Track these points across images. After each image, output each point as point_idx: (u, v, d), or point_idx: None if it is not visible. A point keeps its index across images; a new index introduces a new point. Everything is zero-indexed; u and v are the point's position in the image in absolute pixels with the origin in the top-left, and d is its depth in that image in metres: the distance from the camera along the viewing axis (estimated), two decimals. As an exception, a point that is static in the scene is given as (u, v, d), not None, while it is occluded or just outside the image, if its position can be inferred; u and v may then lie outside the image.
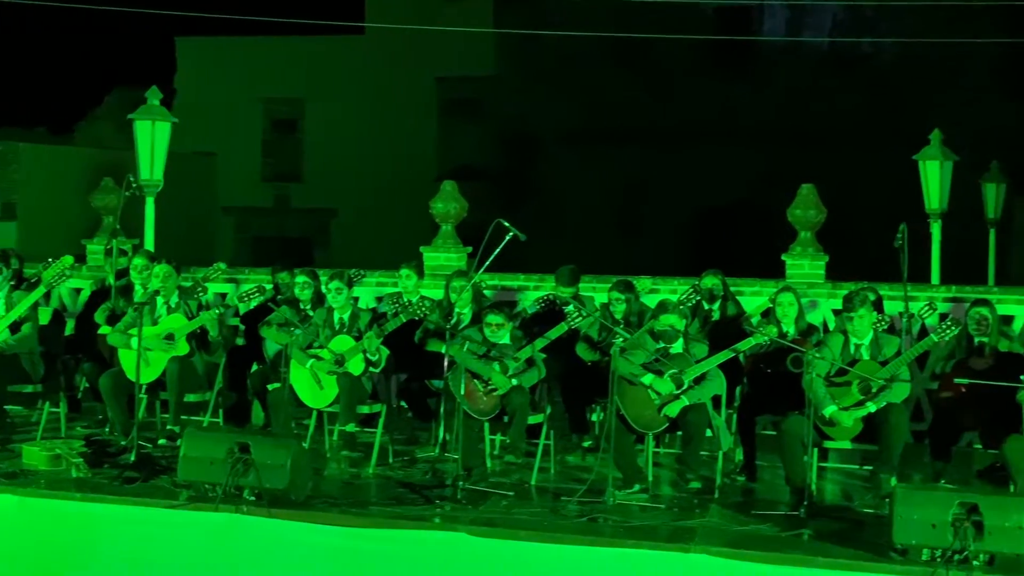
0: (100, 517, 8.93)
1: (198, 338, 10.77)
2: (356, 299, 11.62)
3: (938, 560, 7.71)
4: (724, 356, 9.69)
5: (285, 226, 32.51)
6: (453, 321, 10.67)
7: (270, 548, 8.55)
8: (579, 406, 10.62)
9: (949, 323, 9.70)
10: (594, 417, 10.74)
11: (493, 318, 10.03)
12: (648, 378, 9.46)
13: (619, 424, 9.34)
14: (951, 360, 9.91)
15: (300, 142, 33.13)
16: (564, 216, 28.91)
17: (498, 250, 9.80)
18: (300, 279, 11.28)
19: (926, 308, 10.95)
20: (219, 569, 8.60)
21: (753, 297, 12.04)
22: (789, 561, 7.98)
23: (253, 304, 11.46)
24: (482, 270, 10.20)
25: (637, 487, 9.40)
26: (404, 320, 10.48)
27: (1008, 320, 11.37)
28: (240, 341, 12.04)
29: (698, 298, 11.09)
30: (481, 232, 9.89)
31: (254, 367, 11.42)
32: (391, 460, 10.45)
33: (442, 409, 10.32)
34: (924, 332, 10.43)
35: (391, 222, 28.37)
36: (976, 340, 9.91)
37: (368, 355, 10.25)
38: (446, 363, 9.70)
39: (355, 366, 10.25)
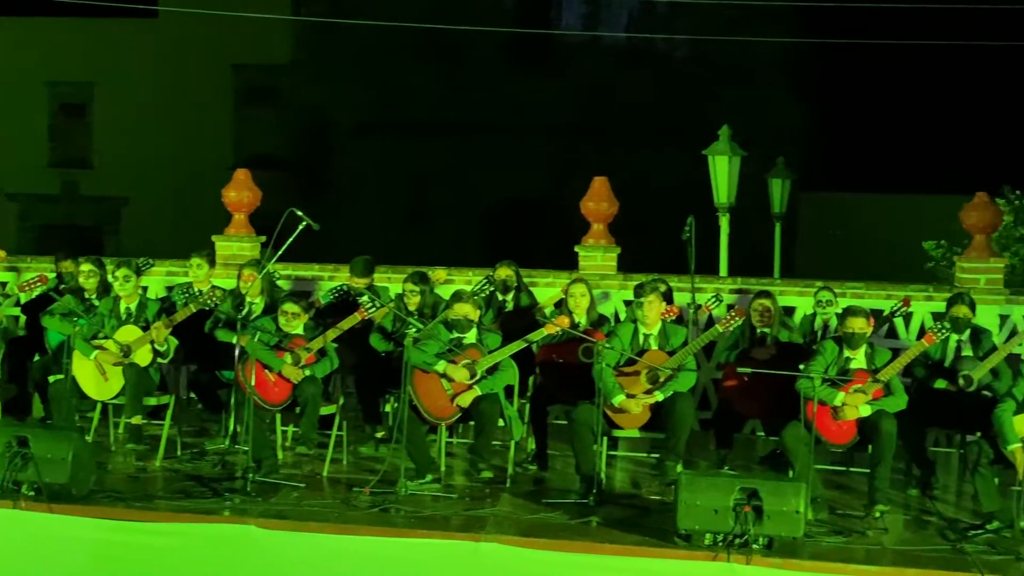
0: None
1: (-26, 329, 10.41)
2: (144, 288, 11.36)
3: (719, 544, 7.95)
4: (517, 346, 9.78)
5: (74, 214, 31.48)
6: (244, 311, 10.53)
7: (50, 544, 8.33)
8: (372, 397, 10.57)
9: (733, 314, 9.98)
10: (387, 408, 10.70)
11: (289, 307, 9.92)
12: (441, 365, 9.49)
13: (412, 414, 9.35)
14: (735, 350, 10.21)
15: (89, 127, 32.08)
16: (359, 206, 28.73)
17: (291, 240, 9.70)
18: (85, 268, 10.93)
19: (713, 299, 11.22)
20: (-4, 567, 8.34)
21: (546, 288, 12.17)
22: (577, 548, 8.13)
23: (35, 293, 11.12)
24: (275, 259, 10.10)
25: (429, 477, 9.43)
26: (194, 310, 10.27)
27: (790, 311, 11.73)
28: (21, 332, 11.65)
29: (492, 289, 11.16)
30: (275, 222, 9.77)
31: (35, 358, 11.07)
32: (179, 453, 10.25)
33: (232, 400, 10.18)
34: (711, 323, 10.69)
35: (185, 211, 27.76)
36: (759, 331, 10.23)
37: (156, 345, 10.04)
38: (236, 353, 9.56)
39: (142, 357, 10.03)
